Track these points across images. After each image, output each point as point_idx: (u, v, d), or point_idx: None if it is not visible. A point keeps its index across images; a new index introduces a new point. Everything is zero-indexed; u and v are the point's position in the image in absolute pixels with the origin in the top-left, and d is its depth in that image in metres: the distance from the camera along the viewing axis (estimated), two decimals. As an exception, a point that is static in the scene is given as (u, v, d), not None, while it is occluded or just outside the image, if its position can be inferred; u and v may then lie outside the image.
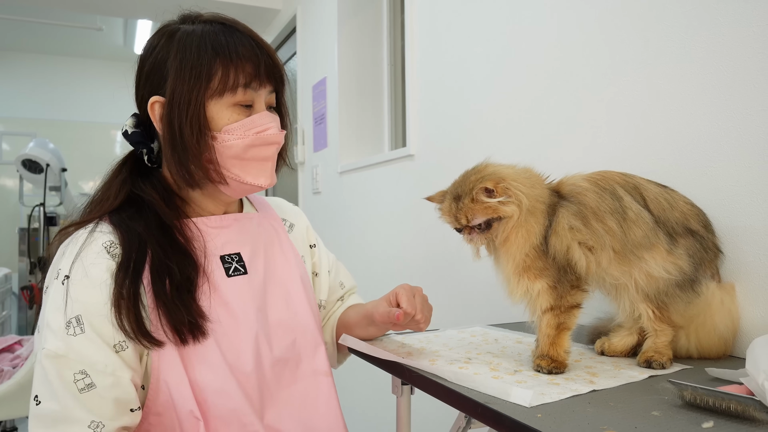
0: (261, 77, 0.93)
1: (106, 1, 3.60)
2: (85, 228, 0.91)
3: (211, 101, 0.91)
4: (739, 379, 0.76)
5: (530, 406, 0.72)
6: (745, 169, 1.00)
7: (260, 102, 0.95)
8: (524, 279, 0.92)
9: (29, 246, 4.46)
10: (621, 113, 1.25)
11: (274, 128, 0.95)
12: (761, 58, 0.98)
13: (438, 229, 1.96)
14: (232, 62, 0.90)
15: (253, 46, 0.93)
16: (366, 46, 2.81)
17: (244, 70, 0.91)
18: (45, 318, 0.84)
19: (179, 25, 0.95)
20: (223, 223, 1.01)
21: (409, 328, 1.06)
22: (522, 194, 0.90)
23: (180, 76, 0.90)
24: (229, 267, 0.98)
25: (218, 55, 0.90)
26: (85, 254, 0.87)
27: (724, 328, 0.94)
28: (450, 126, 1.91)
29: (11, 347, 2.75)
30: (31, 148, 3.80)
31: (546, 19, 1.47)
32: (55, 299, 0.84)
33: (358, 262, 2.59)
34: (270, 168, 0.97)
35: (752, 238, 0.98)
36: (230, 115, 0.92)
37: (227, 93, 0.91)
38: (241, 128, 0.92)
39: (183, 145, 0.90)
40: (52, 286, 0.85)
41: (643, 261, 0.89)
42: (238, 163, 0.93)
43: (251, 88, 0.93)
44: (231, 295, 0.95)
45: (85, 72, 6.42)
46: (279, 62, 0.97)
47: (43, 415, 0.82)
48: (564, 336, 0.91)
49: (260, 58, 0.93)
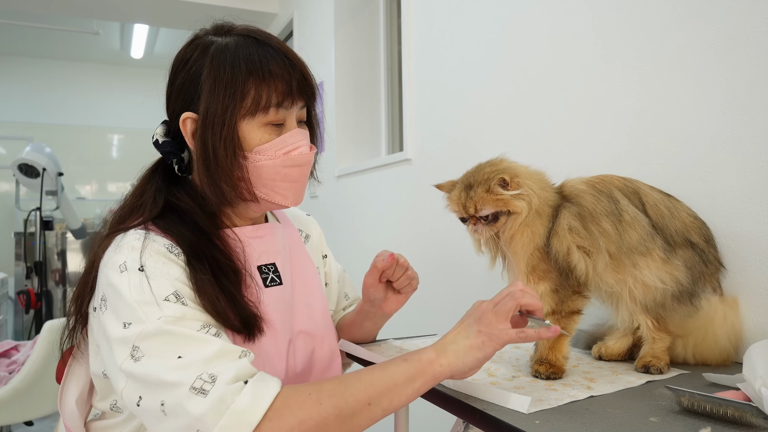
0: (293, 95, 0.91)
1: (102, 6, 3.60)
2: (135, 231, 0.88)
3: (244, 121, 0.89)
4: (736, 385, 0.76)
5: (528, 413, 0.72)
6: (741, 173, 1.00)
7: (291, 120, 0.93)
8: (531, 281, 0.93)
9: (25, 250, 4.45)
10: (617, 118, 1.26)
11: (304, 146, 0.94)
12: (757, 63, 0.98)
13: (435, 233, 1.96)
14: (264, 81, 0.88)
15: (285, 63, 0.91)
16: (363, 50, 2.81)
17: (277, 89, 0.90)
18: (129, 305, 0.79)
19: (213, 36, 0.94)
20: (258, 233, 1.01)
21: (402, 287, 1.06)
22: (534, 193, 0.91)
23: (214, 95, 0.88)
24: (267, 277, 0.98)
25: (251, 74, 0.88)
26: (149, 253, 0.85)
27: (726, 342, 0.94)
28: (447, 130, 1.92)
29: (7, 353, 2.74)
30: (28, 153, 3.79)
31: (542, 24, 1.48)
32: (135, 286, 0.80)
33: (356, 266, 2.59)
34: (300, 188, 0.96)
35: (748, 242, 0.98)
36: (262, 135, 0.90)
37: (259, 113, 0.89)
38: (272, 148, 0.91)
39: (216, 163, 0.89)
40: (122, 279, 0.81)
41: (638, 268, 0.88)
42: (270, 183, 0.92)
43: (283, 107, 0.91)
44: (269, 305, 0.94)
45: (81, 76, 6.41)
46: (311, 77, 0.95)
47: (199, 359, 0.75)
48: (563, 341, 0.92)
49: (292, 75, 0.91)
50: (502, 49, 1.64)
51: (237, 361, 0.77)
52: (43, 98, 6.23)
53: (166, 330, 0.77)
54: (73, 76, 6.38)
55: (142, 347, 0.77)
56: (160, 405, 0.74)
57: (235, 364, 0.76)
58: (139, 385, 0.77)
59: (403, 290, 1.07)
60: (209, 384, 0.73)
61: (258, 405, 0.71)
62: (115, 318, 0.80)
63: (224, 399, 0.71)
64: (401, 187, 2.22)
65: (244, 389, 0.73)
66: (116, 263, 0.83)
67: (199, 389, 0.72)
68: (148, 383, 0.75)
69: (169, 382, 0.74)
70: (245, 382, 0.74)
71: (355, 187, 2.62)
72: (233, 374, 0.74)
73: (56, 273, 4.87)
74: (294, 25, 3.37)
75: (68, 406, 0.97)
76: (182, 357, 0.75)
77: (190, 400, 0.72)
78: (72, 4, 3.56)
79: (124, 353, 0.77)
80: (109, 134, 6.49)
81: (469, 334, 0.77)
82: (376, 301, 1.08)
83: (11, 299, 4.96)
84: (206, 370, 0.74)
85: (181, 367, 0.74)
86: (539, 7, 1.49)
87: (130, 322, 0.79)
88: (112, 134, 6.50)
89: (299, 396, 0.74)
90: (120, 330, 0.79)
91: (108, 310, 0.81)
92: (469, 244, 1.03)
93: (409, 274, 1.05)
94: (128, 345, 0.77)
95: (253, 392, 0.73)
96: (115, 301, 0.81)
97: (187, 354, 0.75)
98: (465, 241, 1.52)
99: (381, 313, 1.09)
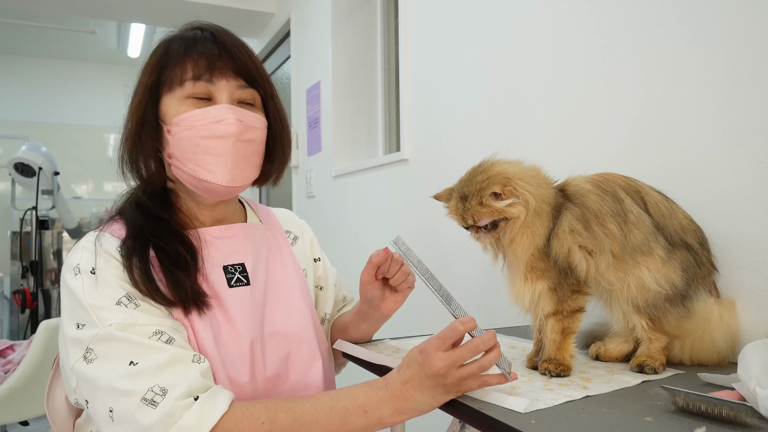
0: (216, 69, 0.91)
1: (99, 5, 3.59)
2: (91, 233, 0.93)
3: (164, 97, 0.92)
4: (731, 385, 0.76)
5: (524, 413, 0.72)
6: (736, 175, 1.01)
7: (221, 94, 0.92)
8: (529, 280, 0.93)
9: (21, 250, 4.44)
10: (613, 118, 1.26)
11: (230, 119, 0.90)
12: (752, 66, 0.98)
13: (432, 233, 1.96)
14: (185, 56, 0.91)
15: (209, 40, 0.93)
16: (360, 50, 2.81)
17: (196, 64, 0.91)
18: (83, 307, 0.82)
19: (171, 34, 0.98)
20: (228, 233, 1.01)
21: (399, 283, 1.06)
22: (529, 194, 0.90)
23: (139, 81, 0.94)
24: (232, 277, 0.97)
25: (169, 54, 0.92)
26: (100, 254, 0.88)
27: (723, 344, 0.94)
28: (444, 130, 1.92)
29: (3, 352, 2.73)
30: (24, 152, 3.77)
31: (539, 24, 1.48)
32: (88, 289, 0.83)
33: (352, 266, 2.59)
34: (229, 163, 0.91)
35: (742, 244, 0.99)
36: (179, 106, 0.91)
37: (176, 87, 0.91)
38: (190, 119, 0.90)
39: (128, 143, 0.94)
40: (77, 281, 0.84)
41: (638, 268, 0.89)
42: (192, 156, 0.91)
43: (204, 80, 0.91)
44: (232, 305, 0.94)
45: (78, 75, 6.40)
46: (246, 58, 0.95)
47: (150, 368, 0.77)
48: (569, 340, 0.93)
49: (217, 51, 0.92)
50: (499, 50, 1.64)
51: (189, 371, 0.79)
52: (39, 97, 6.21)
53: (119, 336, 0.79)
54: (69, 75, 6.36)
55: (96, 350, 0.79)
56: (108, 411, 0.76)
57: (187, 376, 0.78)
58: (89, 388, 0.79)
59: (399, 287, 1.06)
60: (160, 396, 0.75)
61: (203, 424, 0.74)
62: (70, 318, 0.82)
63: (172, 414, 0.74)
64: (398, 187, 2.22)
65: (193, 406, 0.75)
66: (71, 265, 0.86)
67: (149, 401, 0.75)
68: (98, 388, 0.77)
69: (119, 390, 0.76)
70: (196, 398, 0.76)
71: (352, 187, 2.62)
72: (184, 389, 0.76)
73: (52, 272, 4.86)
74: (291, 25, 3.37)
75: (56, 403, 0.97)
76: (134, 364, 0.77)
77: (140, 410, 0.74)
78: (68, 3, 3.55)
79: (77, 354, 0.80)
80: (106, 133, 6.47)
81: (435, 395, 0.79)
82: (373, 300, 1.06)
83: (7, 299, 4.94)
84: (158, 383, 0.76)
85: (132, 375, 0.76)
86: (537, 8, 1.49)
87: (83, 323, 0.81)
88: (108, 133, 6.48)
89: (251, 424, 0.76)
90: (74, 330, 0.81)
91: (64, 310, 0.84)
92: (467, 244, 1.03)
93: (405, 269, 1.05)
94: (82, 346, 0.80)
95: (201, 410, 0.75)
96: (69, 302, 0.83)
97: (139, 361, 0.77)
98: (462, 240, 1.52)
99: (379, 314, 1.08)
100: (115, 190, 6.24)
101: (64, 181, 5.12)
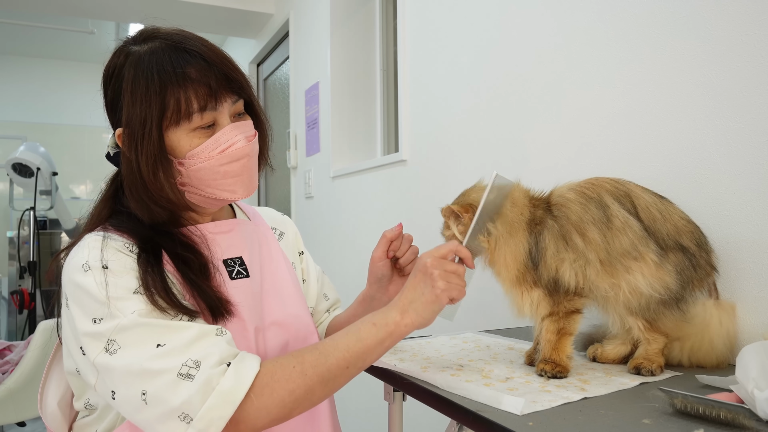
0: (217, 95, 0.89)
1: (97, 5, 3.59)
2: (94, 233, 0.89)
3: (170, 130, 0.88)
4: (728, 387, 0.76)
5: (522, 414, 0.72)
6: (735, 176, 1.00)
7: (223, 118, 0.91)
8: (525, 292, 0.94)
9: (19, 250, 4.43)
10: (612, 120, 1.26)
11: (239, 141, 0.92)
12: (751, 66, 0.98)
13: (430, 234, 1.96)
14: (181, 88, 0.86)
15: (202, 65, 0.89)
16: (358, 51, 2.81)
17: (197, 93, 0.87)
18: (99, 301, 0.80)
19: (133, 45, 0.91)
20: (224, 228, 1.02)
21: (407, 263, 1.08)
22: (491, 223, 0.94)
23: (133, 108, 0.87)
24: (232, 270, 0.99)
25: (166, 84, 0.86)
26: (109, 251, 0.85)
27: (722, 348, 0.94)
28: (442, 131, 1.92)
29: (1, 353, 2.72)
30: (22, 152, 3.77)
31: (537, 26, 1.48)
32: (102, 283, 0.81)
33: (350, 267, 2.59)
34: (246, 179, 0.95)
35: (742, 246, 0.99)
36: (191, 140, 0.89)
37: (183, 121, 0.88)
38: (204, 151, 0.90)
39: (140, 178, 0.88)
40: (87, 277, 0.82)
41: (631, 273, 0.88)
42: (213, 182, 0.92)
43: (208, 110, 0.89)
44: (235, 297, 0.95)
45: (76, 75, 6.39)
46: (235, 72, 0.93)
47: (179, 345, 0.78)
48: (566, 341, 0.92)
49: (211, 77, 0.89)
50: (497, 51, 1.64)
51: (217, 342, 0.80)
52: (37, 97, 6.21)
53: (143, 322, 0.79)
54: (67, 75, 6.36)
55: (119, 340, 0.78)
56: (141, 394, 0.76)
57: (218, 347, 0.79)
58: (115, 377, 0.78)
59: (407, 269, 1.09)
60: (194, 369, 0.76)
61: (240, 385, 0.77)
62: (83, 315, 0.81)
63: (210, 382, 0.75)
64: (396, 188, 2.22)
65: (228, 371, 0.77)
66: (78, 263, 0.84)
67: (185, 375, 0.76)
68: (128, 373, 0.77)
69: (152, 370, 0.76)
70: (228, 364, 0.78)
71: (351, 188, 2.62)
72: (217, 358, 0.78)
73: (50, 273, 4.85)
74: (290, 26, 3.37)
75: (49, 408, 0.97)
76: (161, 345, 0.78)
77: (177, 385, 0.75)
78: (67, 4, 3.54)
79: (98, 347, 0.79)
80: (104, 134, 6.43)
81: (424, 291, 0.86)
82: (383, 279, 1.08)
83: (4, 299, 4.93)
84: (190, 356, 0.77)
85: (163, 355, 0.77)
86: (534, 10, 1.49)
87: (101, 317, 0.80)
88: (106, 134, 6.41)
89: (285, 370, 0.80)
90: (90, 326, 0.80)
91: (74, 308, 0.82)
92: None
93: (414, 249, 1.08)
94: (101, 339, 0.79)
95: (235, 373, 0.77)
96: (81, 299, 0.82)
97: (168, 341, 0.78)
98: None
99: (387, 297, 1.10)
100: (114, 190, 6.25)
101: (62, 181, 5.12)
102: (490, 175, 0.92)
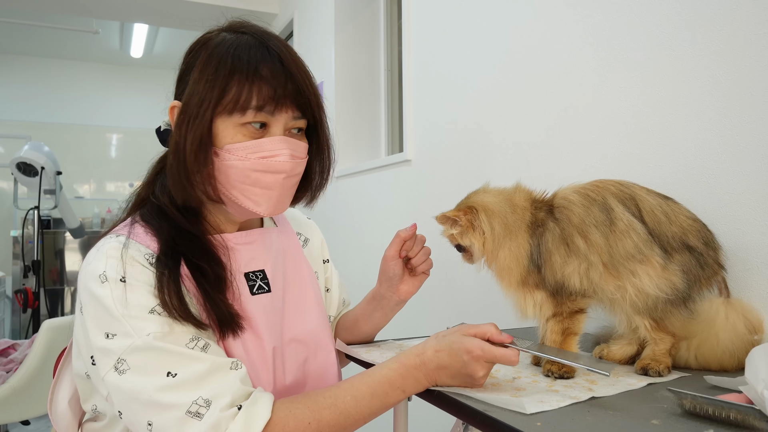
0: (279, 101, 0.87)
1: (102, 5, 3.59)
2: (116, 238, 0.87)
3: (219, 118, 0.87)
4: (738, 388, 0.76)
5: (529, 414, 0.71)
6: (742, 177, 1.00)
7: (277, 126, 0.89)
8: (528, 293, 0.94)
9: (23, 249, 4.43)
10: (618, 120, 1.26)
11: (283, 155, 0.88)
12: (758, 66, 0.98)
13: (434, 234, 1.95)
14: (248, 81, 0.85)
15: (277, 68, 0.87)
16: (363, 51, 2.81)
17: (260, 91, 0.86)
18: (114, 316, 0.79)
19: (222, 33, 0.92)
20: (248, 239, 0.99)
21: (419, 264, 1.09)
22: (488, 227, 0.94)
23: (196, 86, 0.87)
24: (254, 285, 0.96)
25: (235, 73, 0.85)
26: (128, 261, 0.84)
27: (729, 344, 0.92)
28: (447, 131, 1.91)
29: (5, 351, 2.73)
30: (26, 151, 3.77)
31: (542, 25, 1.48)
32: (119, 298, 0.80)
33: (354, 267, 2.59)
34: (276, 197, 0.90)
35: (750, 245, 0.98)
36: (235, 134, 0.87)
37: (236, 112, 0.86)
38: (243, 150, 0.87)
39: (183, 156, 0.86)
40: (104, 290, 0.80)
41: (636, 276, 0.88)
42: (239, 185, 0.89)
43: (265, 112, 0.87)
44: (255, 313, 0.93)
45: (80, 75, 6.40)
46: (308, 87, 0.90)
47: (190, 379, 0.76)
48: (571, 341, 0.92)
49: (282, 82, 0.87)
50: (502, 51, 1.64)
51: (231, 378, 0.78)
52: (41, 97, 6.22)
53: (156, 346, 0.77)
54: (72, 75, 6.37)
55: (129, 360, 0.77)
56: (147, 424, 0.75)
57: (230, 385, 0.77)
58: (124, 399, 0.77)
59: (419, 269, 1.09)
60: (204, 408, 0.75)
61: None
62: (96, 327, 0.80)
63: (218, 425, 0.74)
64: (401, 188, 2.21)
65: (237, 416, 0.75)
66: (95, 272, 0.82)
67: (194, 413, 0.74)
68: (136, 401, 0.76)
69: (162, 403, 0.75)
70: (239, 407, 0.76)
71: (355, 188, 2.62)
72: (229, 399, 0.76)
73: (53, 272, 4.86)
74: (294, 26, 3.37)
75: (59, 407, 0.96)
76: (172, 374, 0.76)
77: (185, 423, 0.74)
78: (72, 3, 3.55)
79: (108, 364, 0.78)
80: (108, 134, 6.48)
81: (462, 373, 0.82)
82: (394, 278, 1.08)
83: (9, 298, 4.94)
84: (201, 394, 0.75)
85: (173, 387, 0.75)
86: (539, 10, 1.49)
87: (114, 333, 0.78)
88: (111, 134, 6.49)
89: (297, 425, 0.78)
90: (102, 340, 0.79)
91: (88, 318, 0.81)
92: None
93: (426, 250, 1.09)
94: (112, 357, 0.78)
95: (245, 420, 0.75)
96: (96, 310, 0.81)
97: (179, 371, 0.76)
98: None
99: (396, 297, 1.09)
100: (117, 190, 6.27)
101: (67, 181, 5.13)
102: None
